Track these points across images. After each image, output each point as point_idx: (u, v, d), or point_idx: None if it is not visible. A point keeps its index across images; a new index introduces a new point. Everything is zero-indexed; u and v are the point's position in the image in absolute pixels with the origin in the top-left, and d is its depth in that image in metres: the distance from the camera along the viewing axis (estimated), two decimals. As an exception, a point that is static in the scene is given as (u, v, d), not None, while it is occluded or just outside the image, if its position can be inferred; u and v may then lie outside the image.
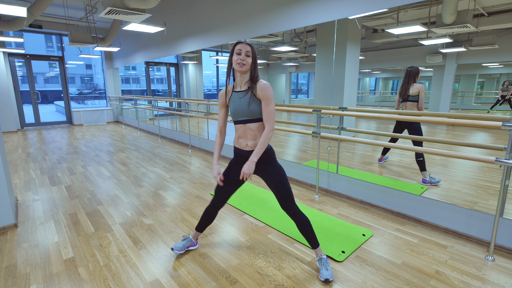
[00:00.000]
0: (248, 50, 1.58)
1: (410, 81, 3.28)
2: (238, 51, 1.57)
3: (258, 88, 1.60)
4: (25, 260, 1.96)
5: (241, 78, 1.64)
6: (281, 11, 3.47)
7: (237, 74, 1.64)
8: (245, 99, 1.62)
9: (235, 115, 1.67)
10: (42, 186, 3.46)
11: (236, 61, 1.57)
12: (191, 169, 4.11)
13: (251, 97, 1.61)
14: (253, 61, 1.61)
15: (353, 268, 1.85)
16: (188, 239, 2.02)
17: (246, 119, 1.64)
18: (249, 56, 1.59)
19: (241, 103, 1.63)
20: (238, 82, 1.66)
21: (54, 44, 24.93)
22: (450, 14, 3.45)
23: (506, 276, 1.76)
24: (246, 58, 1.57)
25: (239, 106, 1.63)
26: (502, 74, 9.84)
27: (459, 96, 10.50)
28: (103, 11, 3.47)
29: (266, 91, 1.59)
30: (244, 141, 1.69)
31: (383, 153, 3.96)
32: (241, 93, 1.65)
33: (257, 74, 1.64)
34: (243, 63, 1.57)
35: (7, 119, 7.48)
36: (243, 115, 1.64)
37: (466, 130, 6.38)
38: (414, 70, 3.26)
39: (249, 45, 1.59)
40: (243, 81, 1.65)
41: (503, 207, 1.98)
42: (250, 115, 1.63)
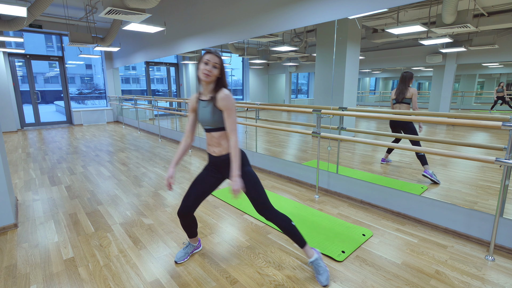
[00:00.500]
0: (216, 62, 1.58)
1: (407, 85, 3.47)
2: (206, 61, 1.57)
3: (218, 99, 1.60)
4: (25, 260, 1.96)
5: (206, 87, 1.65)
6: (281, 11, 3.47)
7: (202, 83, 1.65)
8: (208, 109, 1.64)
9: (202, 123, 1.70)
10: (42, 186, 3.46)
11: (202, 71, 1.57)
12: (191, 169, 4.11)
13: (212, 107, 1.62)
14: (220, 72, 1.62)
15: (353, 268, 1.85)
16: (189, 245, 1.98)
17: (209, 128, 1.68)
18: (216, 68, 1.59)
19: (204, 112, 1.66)
20: (203, 90, 1.67)
21: (54, 44, 24.93)
22: (450, 14, 3.45)
23: (506, 276, 1.76)
24: (213, 70, 1.58)
25: (203, 115, 1.67)
26: (502, 74, 9.84)
27: (459, 96, 10.50)
28: (103, 11, 3.47)
29: (225, 101, 1.58)
30: (211, 148, 1.73)
31: (388, 151, 3.98)
32: (204, 102, 1.67)
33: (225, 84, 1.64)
34: (208, 74, 1.57)
35: (7, 119, 7.48)
36: (207, 124, 1.67)
37: (466, 130, 6.38)
38: (409, 75, 3.47)
39: (218, 57, 1.59)
40: (207, 90, 1.65)
41: (503, 207, 1.98)
42: (212, 124, 1.65)
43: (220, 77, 1.63)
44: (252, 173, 1.74)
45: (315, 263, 1.74)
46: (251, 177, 1.73)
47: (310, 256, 1.75)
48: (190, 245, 1.98)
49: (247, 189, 1.71)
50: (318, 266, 1.73)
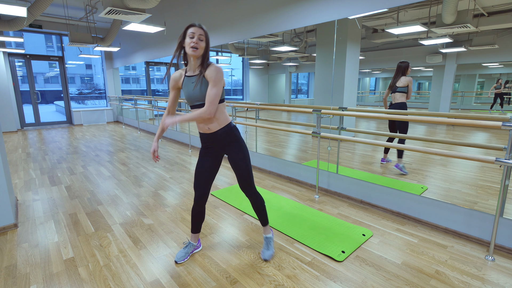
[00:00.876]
0: (201, 34, 1.56)
1: (399, 75, 3.53)
2: (191, 34, 1.55)
3: (207, 71, 1.59)
4: (25, 260, 1.96)
5: (194, 63, 1.62)
6: (281, 11, 3.47)
7: (190, 59, 1.63)
8: (198, 84, 1.61)
9: (190, 100, 1.66)
10: (42, 186, 3.46)
11: (189, 44, 1.55)
12: (191, 169, 4.10)
13: (202, 81, 1.59)
14: (206, 45, 1.60)
15: (353, 268, 1.85)
16: (189, 244, 1.98)
17: (202, 103, 1.64)
18: (202, 40, 1.57)
19: (194, 89, 1.62)
20: (191, 66, 1.65)
21: (54, 44, 24.93)
22: (450, 14, 3.44)
23: (506, 276, 1.76)
24: (200, 42, 1.56)
25: (193, 92, 1.62)
26: (502, 74, 9.84)
27: (459, 96, 10.50)
28: (103, 11, 3.47)
29: (214, 73, 1.57)
30: (204, 125, 1.70)
31: (385, 151, 4.03)
32: (193, 77, 1.64)
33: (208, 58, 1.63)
34: (196, 46, 1.55)
35: (7, 119, 7.48)
36: (197, 100, 1.63)
37: (466, 130, 6.38)
38: (403, 65, 3.53)
39: (203, 28, 1.57)
40: (195, 66, 1.63)
41: (503, 207, 1.98)
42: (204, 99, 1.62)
43: (206, 51, 1.60)
44: (246, 148, 1.79)
45: (270, 239, 1.98)
46: (245, 150, 1.78)
47: (267, 233, 1.99)
48: (190, 244, 1.98)
49: (238, 160, 1.75)
50: (269, 243, 1.97)
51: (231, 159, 1.79)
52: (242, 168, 1.78)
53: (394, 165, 3.66)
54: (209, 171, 1.81)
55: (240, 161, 1.77)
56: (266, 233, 1.99)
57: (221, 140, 1.74)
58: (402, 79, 3.47)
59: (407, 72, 3.51)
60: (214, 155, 1.81)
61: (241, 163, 1.77)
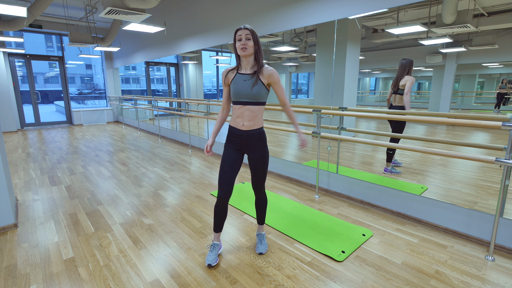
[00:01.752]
0: (247, 34, 1.64)
1: (403, 74, 3.35)
2: (239, 37, 1.65)
3: (265, 74, 1.70)
4: (25, 260, 1.96)
5: (246, 62, 1.71)
6: (281, 11, 3.47)
7: (242, 59, 1.72)
8: (250, 82, 1.69)
9: (237, 95, 1.72)
10: (42, 186, 3.46)
11: (239, 47, 1.65)
12: (191, 169, 4.11)
13: (256, 80, 1.68)
14: (256, 43, 1.67)
15: (353, 268, 1.85)
16: (215, 245, 1.93)
17: (247, 101, 1.71)
18: (250, 39, 1.65)
19: (245, 85, 1.69)
20: (244, 65, 1.73)
21: (54, 44, 24.92)
22: (450, 14, 3.44)
23: (506, 276, 1.76)
24: (247, 42, 1.64)
25: (242, 88, 1.69)
26: (502, 74, 9.84)
27: (459, 96, 10.50)
28: (103, 11, 3.47)
29: (274, 76, 1.71)
30: (241, 121, 1.76)
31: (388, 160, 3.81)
32: (246, 75, 1.71)
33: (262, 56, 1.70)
34: (245, 47, 1.64)
35: (7, 119, 7.48)
36: (246, 97, 1.70)
37: (466, 130, 6.38)
38: (406, 63, 3.32)
39: (248, 29, 1.65)
40: (248, 65, 1.72)
41: (503, 207, 1.98)
42: (252, 98, 1.70)
43: (258, 48, 1.68)
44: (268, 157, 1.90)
45: (263, 235, 2.09)
46: (268, 155, 1.87)
47: (262, 230, 2.10)
48: (216, 244, 1.93)
49: (261, 165, 1.83)
50: (263, 239, 2.08)
51: (253, 160, 1.83)
52: (261, 171, 1.85)
53: (384, 170, 3.59)
54: (235, 167, 1.82)
55: (261, 165, 1.83)
56: (261, 231, 2.10)
57: (250, 141, 1.78)
58: (404, 78, 3.30)
59: (411, 70, 3.32)
60: (238, 152, 1.84)
61: (262, 167, 1.84)
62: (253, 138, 1.78)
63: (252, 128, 1.76)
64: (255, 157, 1.82)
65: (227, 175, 1.80)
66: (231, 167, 1.81)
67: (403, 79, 3.33)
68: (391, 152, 3.53)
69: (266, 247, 2.04)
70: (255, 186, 1.92)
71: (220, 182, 1.82)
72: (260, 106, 1.74)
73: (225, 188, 1.81)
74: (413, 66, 3.38)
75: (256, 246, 2.05)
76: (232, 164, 1.81)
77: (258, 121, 1.77)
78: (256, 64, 1.71)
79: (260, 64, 1.69)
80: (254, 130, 1.76)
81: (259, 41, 1.69)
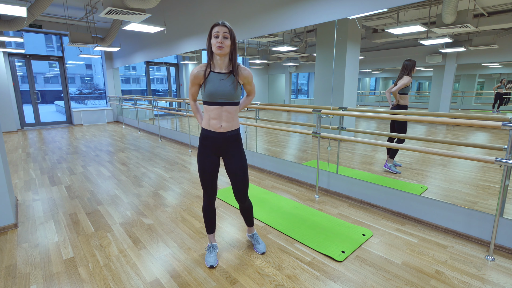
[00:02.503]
0: (225, 32, 1.55)
1: (403, 74, 3.38)
2: (216, 34, 1.55)
3: (242, 75, 1.67)
4: (25, 260, 1.96)
5: (221, 61, 1.62)
6: (281, 11, 3.47)
7: (215, 57, 1.62)
8: (228, 82, 1.62)
9: (212, 96, 1.62)
10: (42, 186, 3.46)
11: (214, 44, 1.56)
12: (191, 169, 4.11)
13: (233, 80, 1.63)
14: (232, 42, 1.59)
15: (353, 268, 1.85)
16: (213, 246, 1.94)
17: (225, 102, 1.64)
18: (227, 38, 1.57)
19: (222, 85, 1.61)
20: (218, 64, 1.64)
21: (54, 44, 24.92)
22: (450, 14, 3.44)
23: (506, 276, 1.76)
24: (224, 41, 1.55)
25: (220, 88, 1.61)
26: (502, 74, 9.84)
27: (459, 96, 10.50)
28: (103, 11, 3.47)
29: (249, 77, 1.73)
30: (218, 123, 1.67)
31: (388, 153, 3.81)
32: (221, 74, 1.63)
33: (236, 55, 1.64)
34: (221, 46, 1.55)
35: (7, 119, 7.48)
36: (223, 98, 1.62)
37: (466, 130, 6.38)
38: (409, 64, 3.37)
39: (226, 26, 1.56)
40: (223, 64, 1.64)
41: (503, 207, 1.98)
42: (231, 98, 1.63)
43: (234, 48, 1.61)
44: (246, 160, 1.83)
45: (256, 236, 2.06)
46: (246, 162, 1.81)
47: (252, 231, 2.07)
48: (213, 245, 1.94)
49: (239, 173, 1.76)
50: (258, 238, 2.05)
51: (231, 166, 1.77)
52: (240, 178, 1.77)
53: (384, 165, 3.62)
54: (214, 168, 1.77)
55: (240, 170, 1.76)
56: (252, 231, 2.08)
57: (227, 143, 1.72)
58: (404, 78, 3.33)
59: (413, 71, 3.35)
60: (214, 156, 1.77)
61: (242, 174, 1.77)
62: (230, 141, 1.72)
63: (230, 129, 1.70)
64: (233, 163, 1.75)
65: (208, 181, 1.77)
66: (211, 173, 1.76)
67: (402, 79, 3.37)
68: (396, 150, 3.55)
69: (264, 245, 2.04)
70: (238, 197, 1.83)
71: (203, 187, 1.80)
72: (236, 106, 1.69)
73: (209, 192, 1.82)
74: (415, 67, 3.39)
75: (254, 247, 2.03)
76: (210, 169, 1.75)
77: (236, 122, 1.72)
78: (232, 64, 1.64)
79: (236, 63, 1.63)
80: (232, 131, 1.71)
81: (236, 39, 1.61)
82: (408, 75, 3.36)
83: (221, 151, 1.75)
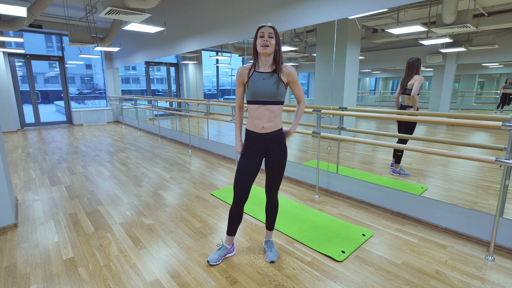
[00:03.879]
0: (270, 32, 1.60)
1: (412, 73, 3.26)
2: (261, 34, 1.60)
3: (285, 72, 1.66)
4: (25, 260, 1.96)
5: (265, 61, 1.65)
6: (281, 11, 3.47)
7: (261, 57, 1.66)
8: (271, 81, 1.63)
9: (255, 95, 1.64)
10: (42, 186, 3.46)
11: (260, 44, 1.60)
12: (191, 169, 4.11)
13: (277, 79, 1.63)
14: (277, 43, 1.63)
15: (353, 268, 1.85)
16: (223, 247, 1.94)
17: (268, 101, 1.64)
18: (272, 38, 1.60)
19: (264, 84, 1.63)
20: (262, 64, 1.67)
21: (54, 44, 24.92)
22: (450, 14, 3.44)
23: (506, 276, 1.76)
24: (270, 40, 1.59)
25: (262, 87, 1.63)
26: (502, 74, 9.84)
27: (459, 96, 10.50)
28: (103, 11, 3.47)
29: (293, 75, 1.68)
30: (260, 123, 1.67)
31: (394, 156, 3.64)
32: (265, 74, 1.65)
33: (281, 56, 1.66)
34: (266, 44, 1.59)
35: (7, 119, 7.47)
36: (265, 97, 1.63)
37: (466, 130, 6.38)
38: (414, 62, 3.24)
39: (272, 27, 1.61)
40: (267, 64, 1.66)
41: (503, 207, 1.98)
42: (273, 97, 1.64)
43: (278, 48, 1.64)
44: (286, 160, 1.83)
45: (271, 243, 2.01)
46: (286, 162, 1.80)
47: (271, 237, 2.03)
48: (224, 247, 1.94)
49: (279, 167, 1.77)
50: (272, 246, 2.00)
51: (271, 164, 1.76)
52: (278, 176, 1.79)
53: (392, 171, 3.55)
54: (252, 172, 1.75)
55: (279, 169, 1.77)
56: (270, 237, 2.03)
57: (270, 143, 1.71)
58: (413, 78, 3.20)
59: (419, 69, 3.23)
60: (256, 157, 1.76)
61: (279, 171, 1.78)
62: (273, 141, 1.71)
63: (272, 130, 1.68)
64: (274, 161, 1.74)
65: (244, 183, 1.75)
66: (249, 175, 1.74)
67: (411, 79, 3.24)
68: (400, 154, 3.48)
69: (277, 254, 1.94)
70: (270, 190, 1.86)
71: (236, 187, 1.78)
72: (280, 106, 1.67)
73: (241, 195, 1.78)
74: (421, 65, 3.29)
75: (266, 254, 1.95)
76: (249, 171, 1.74)
77: (278, 122, 1.70)
78: (275, 64, 1.66)
79: (280, 62, 1.65)
80: (274, 132, 1.69)
81: (280, 40, 1.65)
82: (417, 74, 3.24)
83: (264, 151, 1.74)
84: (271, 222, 1.98)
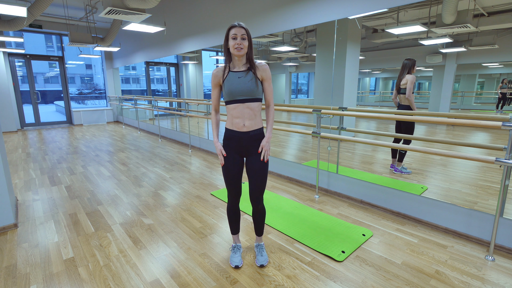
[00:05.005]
0: (243, 33, 1.58)
1: (404, 73, 3.36)
2: (234, 35, 1.58)
3: (260, 69, 1.66)
4: (25, 260, 1.96)
5: (239, 61, 1.65)
6: (281, 11, 3.47)
7: (234, 58, 1.65)
8: (247, 78, 1.63)
9: (233, 94, 1.63)
10: (42, 186, 3.46)
11: (233, 46, 1.58)
12: (191, 169, 4.11)
13: (253, 77, 1.64)
14: (249, 43, 1.63)
15: (353, 268, 1.85)
16: (237, 247, 1.95)
17: (246, 98, 1.64)
18: (245, 39, 1.60)
19: (241, 82, 1.63)
20: (236, 64, 1.67)
21: (54, 44, 24.91)
22: (450, 14, 3.44)
23: (506, 276, 1.76)
24: (243, 42, 1.58)
25: (239, 85, 1.62)
26: (502, 74, 9.84)
27: (459, 96, 10.50)
28: (103, 11, 3.47)
29: (267, 72, 1.69)
30: (241, 121, 1.66)
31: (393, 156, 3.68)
32: (240, 72, 1.65)
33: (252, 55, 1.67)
34: (240, 47, 1.58)
35: (7, 119, 7.47)
36: (243, 94, 1.63)
37: (466, 130, 6.38)
38: (409, 63, 3.34)
39: (244, 27, 1.59)
40: (241, 63, 1.66)
41: (503, 207, 1.98)
42: (252, 94, 1.64)
43: (250, 48, 1.64)
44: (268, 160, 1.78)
45: (262, 247, 1.96)
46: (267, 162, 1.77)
47: (261, 241, 1.98)
48: (237, 246, 1.95)
49: (259, 172, 1.73)
50: (263, 250, 1.95)
51: (252, 165, 1.73)
52: (259, 178, 1.73)
53: (394, 169, 3.57)
54: (238, 168, 1.75)
55: (260, 170, 1.72)
56: (260, 241, 1.99)
57: (251, 142, 1.70)
58: (405, 78, 3.31)
59: (413, 70, 3.32)
60: (238, 156, 1.75)
61: (260, 172, 1.73)
62: (254, 140, 1.70)
63: (253, 128, 1.68)
64: (255, 162, 1.71)
65: (232, 182, 1.76)
66: (235, 173, 1.75)
67: (403, 79, 3.35)
68: (403, 152, 3.51)
69: (267, 259, 1.91)
70: (254, 196, 1.77)
71: (228, 188, 1.80)
72: (258, 103, 1.67)
73: (233, 193, 1.81)
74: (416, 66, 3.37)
75: (256, 258, 1.92)
76: (235, 170, 1.74)
77: (259, 121, 1.70)
78: (249, 62, 1.66)
79: (253, 61, 1.66)
80: (255, 130, 1.69)
81: (251, 38, 1.65)
82: (408, 73, 3.34)
83: (244, 150, 1.73)
84: (260, 229, 1.93)
